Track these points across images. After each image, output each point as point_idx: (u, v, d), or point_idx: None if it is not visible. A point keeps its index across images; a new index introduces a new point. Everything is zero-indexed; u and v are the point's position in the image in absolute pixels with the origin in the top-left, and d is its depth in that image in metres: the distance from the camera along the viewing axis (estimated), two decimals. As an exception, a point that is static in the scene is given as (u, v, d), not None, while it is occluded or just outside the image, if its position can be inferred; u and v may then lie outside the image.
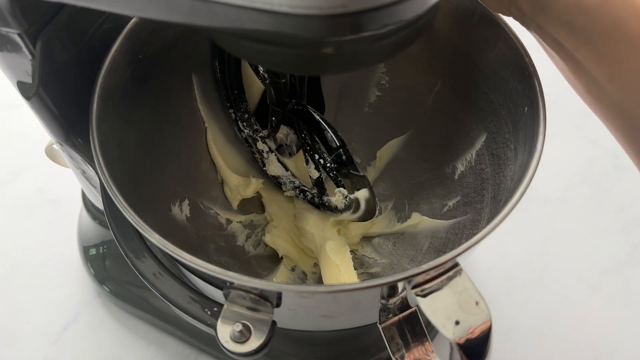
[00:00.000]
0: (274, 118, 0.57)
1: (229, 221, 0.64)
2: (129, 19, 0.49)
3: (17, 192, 0.80)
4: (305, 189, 0.65)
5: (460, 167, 0.58)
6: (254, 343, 0.39)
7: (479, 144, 0.55)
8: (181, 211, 0.57)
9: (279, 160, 0.66)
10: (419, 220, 0.62)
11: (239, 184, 0.65)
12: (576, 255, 0.73)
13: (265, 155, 0.65)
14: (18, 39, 0.40)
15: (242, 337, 0.39)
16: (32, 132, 0.84)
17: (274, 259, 0.65)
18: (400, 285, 0.40)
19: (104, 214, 0.47)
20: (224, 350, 0.39)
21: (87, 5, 0.34)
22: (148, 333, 0.68)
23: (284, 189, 0.66)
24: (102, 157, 0.43)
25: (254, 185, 0.65)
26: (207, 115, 0.61)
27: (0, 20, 0.38)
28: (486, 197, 0.53)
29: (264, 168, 0.66)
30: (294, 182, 0.66)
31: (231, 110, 0.62)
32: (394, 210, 0.66)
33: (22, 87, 0.45)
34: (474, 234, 0.39)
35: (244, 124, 0.63)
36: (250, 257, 0.63)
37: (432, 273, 0.38)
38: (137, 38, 0.49)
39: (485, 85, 0.52)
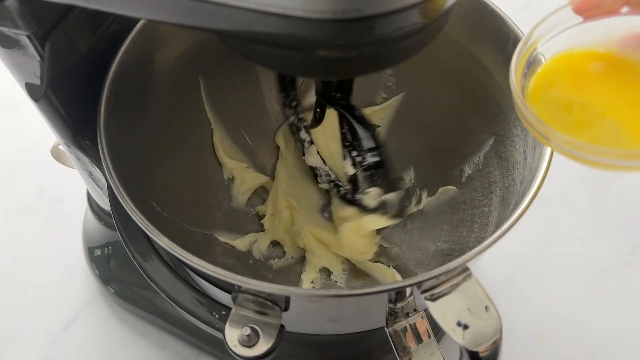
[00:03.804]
0: (318, 109, 0.58)
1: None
2: (136, 21, 0.48)
3: (17, 192, 0.80)
4: (340, 184, 0.65)
5: (468, 170, 0.58)
6: (262, 347, 0.39)
7: (487, 146, 0.55)
8: (188, 212, 0.57)
9: (318, 153, 0.66)
10: (425, 202, 0.64)
11: (245, 171, 0.65)
12: (576, 256, 0.73)
13: (306, 144, 0.65)
14: (27, 41, 0.40)
15: (251, 340, 0.39)
16: (32, 132, 0.84)
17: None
18: (408, 289, 0.40)
19: (110, 215, 0.47)
20: (232, 354, 0.39)
21: (95, 7, 0.34)
22: (149, 332, 0.68)
23: (319, 180, 0.67)
24: (110, 160, 0.43)
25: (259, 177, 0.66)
26: (213, 117, 0.61)
27: (10, 22, 0.38)
28: (494, 201, 0.53)
29: (303, 157, 0.66)
30: (329, 175, 0.66)
31: (282, 94, 0.62)
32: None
33: (31, 89, 0.44)
34: (482, 237, 0.39)
35: (291, 110, 0.63)
36: (257, 259, 0.63)
37: (443, 278, 0.38)
38: (145, 40, 0.49)
39: (493, 87, 0.52)
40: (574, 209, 0.77)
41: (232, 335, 0.39)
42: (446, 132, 0.61)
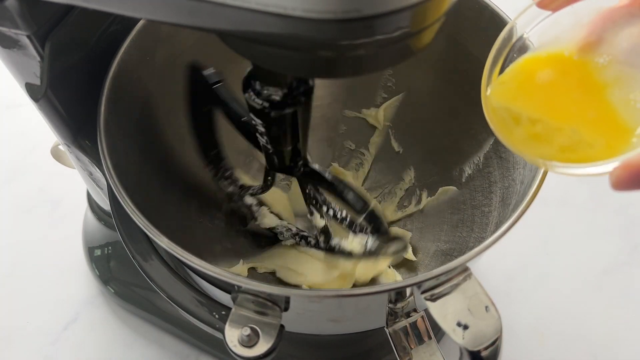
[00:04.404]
0: (269, 177, 0.54)
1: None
2: (136, 21, 0.49)
3: (17, 192, 0.80)
4: (306, 234, 0.62)
5: (468, 170, 0.58)
6: (262, 347, 0.39)
7: (487, 146, 0.55)
8: (187, 212, 0.57)
9: (271, 211, 0.63)
10: (425, 202, 0.63)
11: None
12: (576, 256, 0.73)
13: (255, 208, 0.62)
14: (27, 41, 0.40)
15: (251, 341, 0.39)
16: (32, 132, 0.84)
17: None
18: (408, 290, 0.40)
19: (110, 215, 0.47)
20: (232, 354, 0.39)
21: (95, 7, 0.34)
22: (149, 332, 0.68)
23: (280, 238, 0.64)
24: (110, 160, 0.43)
25: None
26: None
27: (10, 22, 0.38)
28: (494, 201, 0.53)
29: (256, 222, 0.63)
30: (291, 229, 0.63)
31: (209, 167, 0.56)
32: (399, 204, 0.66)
33: (31, 89, 0.44)
34: (482, 237, 0.39)
35: (227, 181, 0.57)
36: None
37: (443, 278, 0.38)
38: (145, 40, 0.49)
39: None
40: (574, 209, 0.77)
41: (232, 335, 0.39)
42: (446, 132, 0.61)
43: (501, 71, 0.40)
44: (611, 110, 0.35)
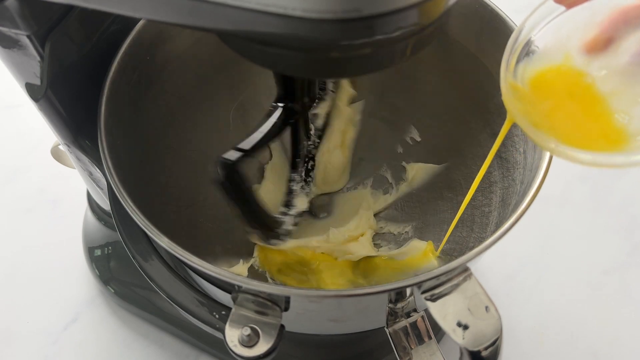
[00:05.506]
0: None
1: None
2: (136, 21, 0.49)
3: (17, 192, 0.80)
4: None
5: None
6: (262, 347, 0.39)
7: (487, 146, 0.55)
8: (188, 212, 0.57)
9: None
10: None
11: None
12: (576, 255, 0.73)
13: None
14: (27, 41, 0.40)
15: (251, 340, 0.39)
16: (32, 132, 0.84)
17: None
18: (408, 290, 0.40)
19: (110, 216, 0.47)
20: (232, 354, 0.39)
21: (95, 7, 0.34)
22: (149, 332, 0.68)
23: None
24: (111, 160, 0.43)
25: None
26: None
27: (10, 22, 0.38)
28: (494, 201, 0.53)
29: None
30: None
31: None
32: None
33: (31, 89, 0.44)
34: (482, 237, 0.39)
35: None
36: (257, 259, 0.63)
37: (443, 278, 0.38)
38: (145, 40, 0.49)
39: (493, 87, 0.51)
40: (574, 208, 0.77)
41: (232, 335, 0.39)
42: (446, 132, 0.60)
43: (518, 60, 0.40)
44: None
